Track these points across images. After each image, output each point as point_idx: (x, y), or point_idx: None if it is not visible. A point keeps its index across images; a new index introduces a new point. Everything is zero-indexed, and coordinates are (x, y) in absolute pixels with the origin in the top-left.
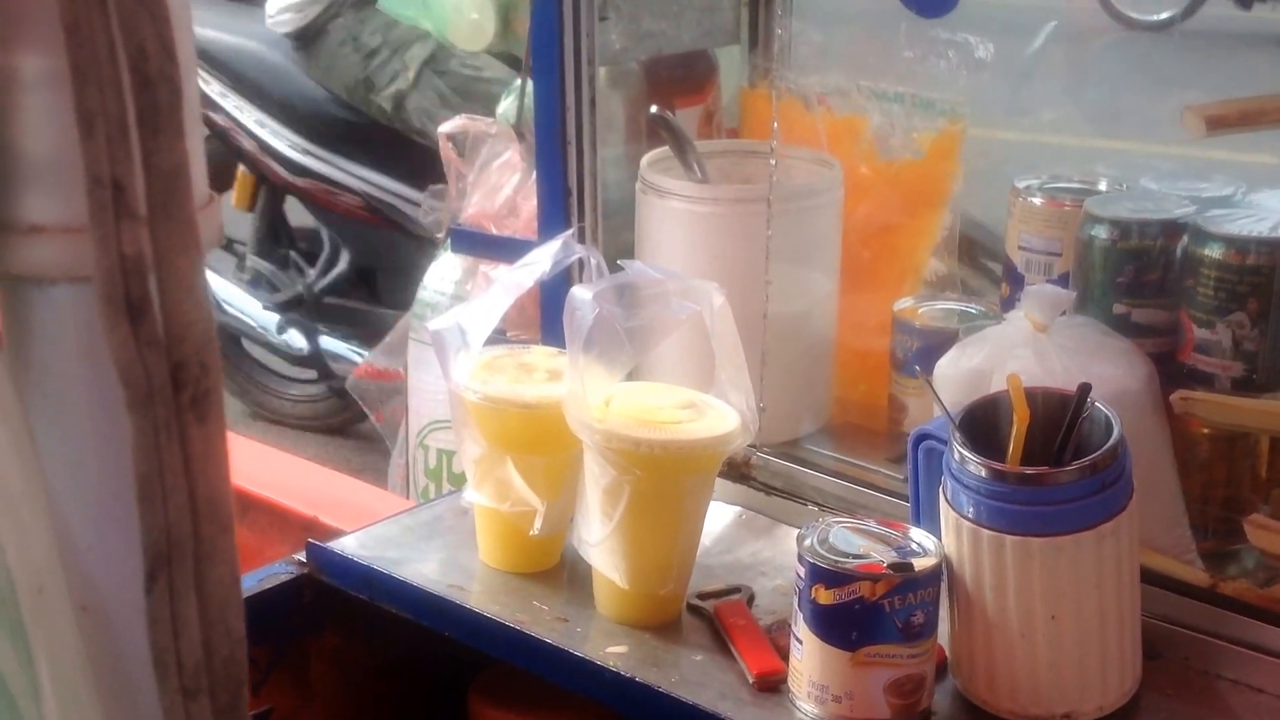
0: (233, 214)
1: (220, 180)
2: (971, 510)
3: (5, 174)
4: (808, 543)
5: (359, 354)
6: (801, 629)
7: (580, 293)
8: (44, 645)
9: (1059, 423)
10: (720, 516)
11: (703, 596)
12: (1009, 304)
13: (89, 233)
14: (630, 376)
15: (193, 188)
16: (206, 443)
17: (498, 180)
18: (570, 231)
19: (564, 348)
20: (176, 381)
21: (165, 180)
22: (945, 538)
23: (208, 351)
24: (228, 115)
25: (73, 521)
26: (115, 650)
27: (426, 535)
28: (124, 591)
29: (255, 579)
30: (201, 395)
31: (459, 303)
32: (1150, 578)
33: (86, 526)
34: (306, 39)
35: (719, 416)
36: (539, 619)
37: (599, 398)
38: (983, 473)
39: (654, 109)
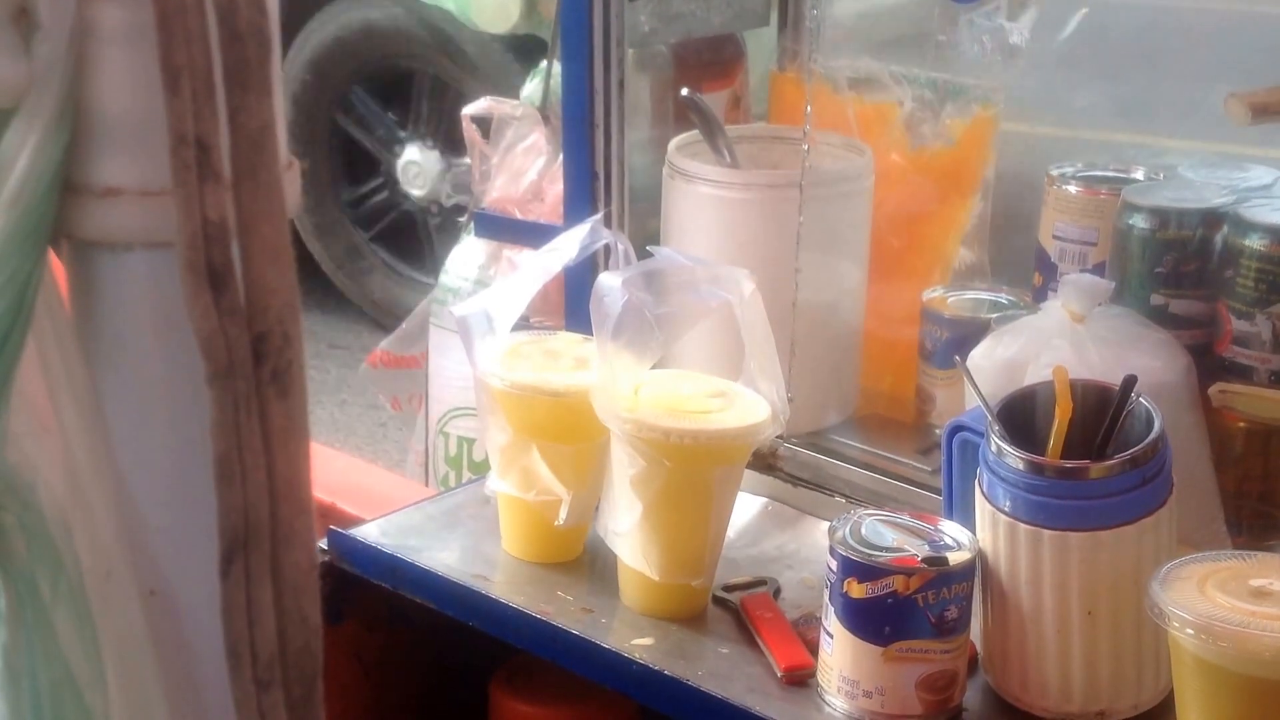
0: None
1: None
2: (1008, 504)
3: (81, 133)
4: (839, 535)
5: None
6: (832, 623)
7: (608, 279)
8: (111, 632)
9: (1097, 415)
10: (746, 507)
11: (729, 589)
12: (1041, 294)
13: (170, 196)
14: (658, 364)
15: (278, 148)
16: (288, 419)
17: (522, 164)
18: (597, 216)
19: (589, 334)
20: (258, 354)
21: (252, 140)
22: (980, 531)
23: (291, 322)
24: None
25: (143, 502)
26: (183, 637)
27: (449, 524)
28: (195, 576)
29: None
30: (284, 368)
31: (482, 288)
32: None
33: (158, 507)
34: None
35: (749, 406)
36: (564, 610)
37: (628, 386)
38: (1021, 466)
39: (685, 91)
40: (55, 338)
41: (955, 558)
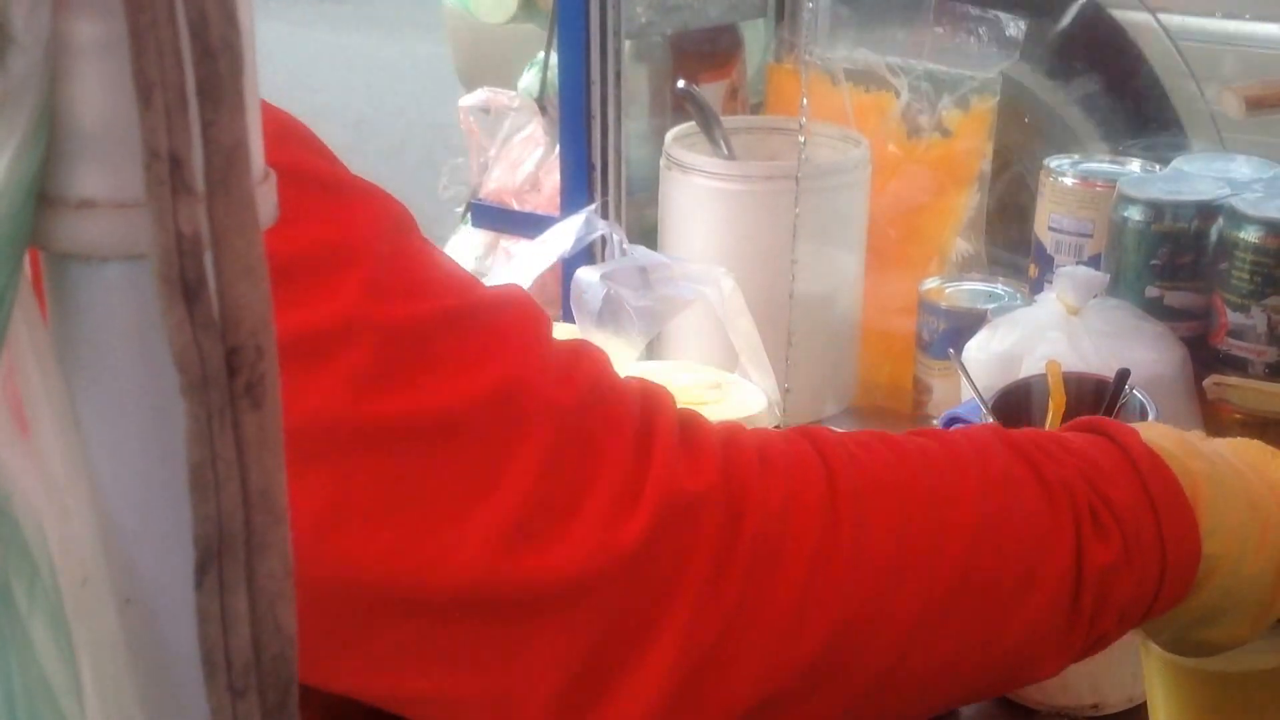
0: None
1: None
2: None
3: (56, 145)
4: None
5: None
6: None
7: (586, 274)
8: (86, 639)
9: (1092, 408)
10: None
11: None
12: (1037, 285)
13: (144, 209)
14: (654, 354)
15: (251, 163)
16: (261, 430)
17: (519, 154)
18: (593, 207)
19: None
20: (231, 366)
21: (224, 155)
22: None
23: (264, 335)
24: None
25: (120, 511)
26: (159, 645)
27: None
28: (171, 584)
29: None
30: (256, 380)
31: (480, 279)
32: None
33: (133, 516)
34: None
35: (746, 397)
36: None
37: (622, 377)
38: None
39: (682, 83)
40: (33, 349)
41: None
